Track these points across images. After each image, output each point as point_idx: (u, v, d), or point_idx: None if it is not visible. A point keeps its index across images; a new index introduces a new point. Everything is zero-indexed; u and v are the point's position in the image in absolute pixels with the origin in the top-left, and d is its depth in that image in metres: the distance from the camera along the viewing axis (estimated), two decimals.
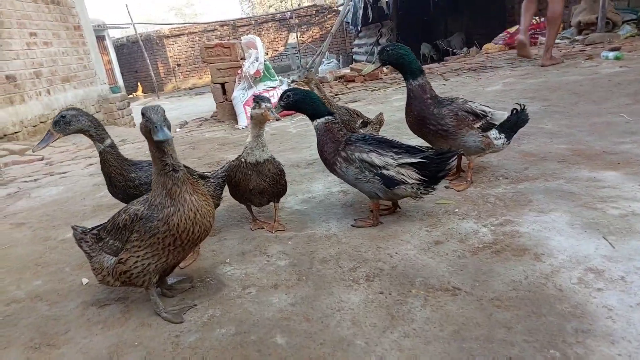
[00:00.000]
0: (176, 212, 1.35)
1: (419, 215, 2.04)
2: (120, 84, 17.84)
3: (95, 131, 1.87)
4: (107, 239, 1.48)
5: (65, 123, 1.82)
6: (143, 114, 1.28)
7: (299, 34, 19.54)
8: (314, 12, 20.26)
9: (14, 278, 1.97)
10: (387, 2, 9.36)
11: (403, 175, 1.82)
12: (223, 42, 4.91)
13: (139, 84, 22.00)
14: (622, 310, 1.24)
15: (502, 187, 2.22)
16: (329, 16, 20.14)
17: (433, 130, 2.15)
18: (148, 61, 18.35)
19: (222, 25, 21.21)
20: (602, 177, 2.14)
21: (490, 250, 1.66)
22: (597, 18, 6.96)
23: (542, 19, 7.80)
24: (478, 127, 2.16)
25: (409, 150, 1.87)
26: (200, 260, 1.90)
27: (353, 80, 6.90)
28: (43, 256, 2.18)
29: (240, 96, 4.81)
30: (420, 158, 1.82)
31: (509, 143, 2.26)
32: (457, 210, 2.03)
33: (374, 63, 2.13)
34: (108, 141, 1.90)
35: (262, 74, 4.81)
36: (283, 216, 2.24)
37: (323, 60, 11.26)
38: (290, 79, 10.30)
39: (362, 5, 10.63)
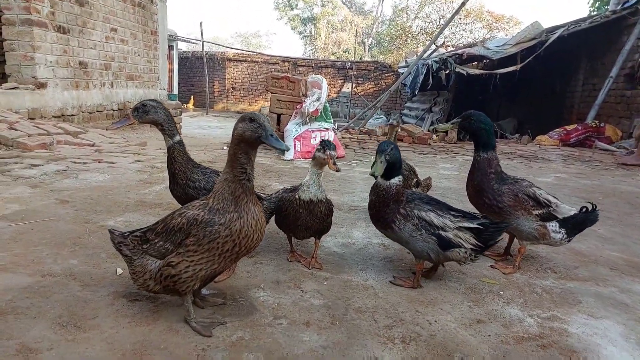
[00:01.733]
0: (239, 218, 1.36)
1: (461, 288, 1.96)
2: (176, 93, 18.71)
3: (168, 126, 1.94)
4: (156, 241, 1.45)
5: (144, 112, 1.90)
6: (253, 119, 1.35)
7: (354, 85, 20.16)
8: (373, 68, 20.97)
9: (52, 252, 1.99)
10: (447, 74, 9.62)
11: (460, 239, 1.79)
12: (290, 76, 5.11)
13: (192, 97, 23.01)
14: None
15: (550, 280, 2.12)
16: (386, 74, 20.77)
17: (488, 204, 2.12)
18: (207, 78, 19.25)
19: (284, 61, 22.19)
20: None
21: (537, 343, 1.56)
22: None
23: (602, 124, 7.76)
24: (536, 215, 2.10)
25: (466, 215, 1.86)
26: (235, 278, 1.87)
27: (402, 140, 6.98)
28: (82, 237, 2.21)
29: (293, 129, 4.93)
30: (477, 224, 1.80)
31: (569, 241, 2.16)
32: (501, 292, 1.95)
33: (452, 124, 2.13)
34: (177, 138, 1.96)
35: (319, 113, 4.93)
36: (321, 255, 2.21)
37: (374, 114, 11.52)
38: (336, 124, 10.53)
39: (424, 72, 10.97)
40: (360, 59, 24.90)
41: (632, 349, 1.56)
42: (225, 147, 5.81)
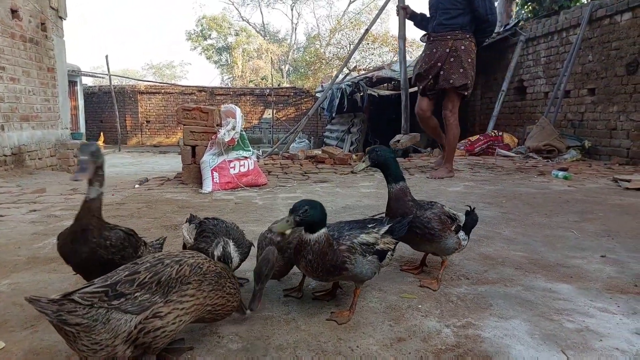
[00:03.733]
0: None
1: (382, 307, 1.98)
2: (82, 132, 17.40)
3: (102, 172, 1.73)
4: (139, 293, 1.26)
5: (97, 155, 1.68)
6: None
7: (274, 111, 20.32)
8: (291, 93, 21.36)
9: None
10: (361, 96, 10.09)
11: (388, 244, 1.88)
12: (202, 106, 4.98)
13: (101, 133, 21.58)
14: None
15: (464, 287, 2.22)
16: (305, 99, 21.25)
17: (419, 234, 2.13)
18: (117, 113, 18.22)
19: (200, 91, 21.77)
20: (557, 289, 2.20)
21: (453, 354, 1.60)
22: (543, 145, 7.68)
23: (500, 133, 8.56)
24: (453, 230, 2.21)
25: (375, 220, 1.97)
26: None
27: (323, 162, 7.09)
28: None
29: (210, 161, 4.78)
30: (388, 224, 1.93)
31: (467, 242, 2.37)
32: (420, 306, 1.99)
33: (364, 162, 2.14)
34: (104, 187, 1.74)
35: (236, 142, 4.85)
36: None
37: (296, 138, 11.66)
38: (260, 150, 10.50)
39: (339, 96, 11.41)
40: (279, 85, 25.27)
41: (537, 345, 1.66)
42: (137, 186, 5.45)
